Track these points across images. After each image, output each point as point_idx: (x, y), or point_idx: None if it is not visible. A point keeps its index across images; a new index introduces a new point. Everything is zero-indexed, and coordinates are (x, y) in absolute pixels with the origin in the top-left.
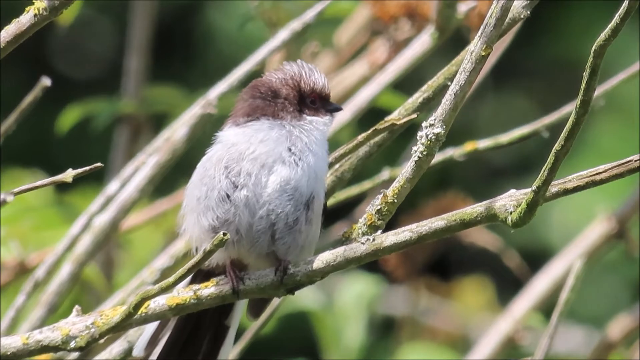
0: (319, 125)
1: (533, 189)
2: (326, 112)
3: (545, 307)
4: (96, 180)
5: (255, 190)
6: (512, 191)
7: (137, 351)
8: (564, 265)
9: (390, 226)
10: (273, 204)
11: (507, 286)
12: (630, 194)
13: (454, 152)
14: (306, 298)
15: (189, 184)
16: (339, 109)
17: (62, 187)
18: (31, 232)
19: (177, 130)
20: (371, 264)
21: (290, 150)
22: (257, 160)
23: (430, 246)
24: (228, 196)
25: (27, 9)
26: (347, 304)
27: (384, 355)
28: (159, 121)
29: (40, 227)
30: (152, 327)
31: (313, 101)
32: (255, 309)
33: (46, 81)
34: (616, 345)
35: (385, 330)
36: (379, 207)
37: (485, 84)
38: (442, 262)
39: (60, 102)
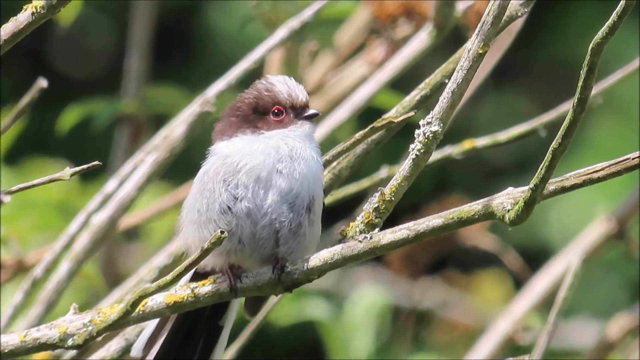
0: (287, 136)
1: (530, 186)
2: (299, 119)
3: (545, 307)
4: (98, 180)
5: (255, 201)
6: (510, 189)
7: (135, 352)
8: (564, 265)
9: (390, 226)
10: (275, 213)
11: (515, 285)
12: (630, 194)
13: (452, 150)
14: (315, 308)
15: (188, 197)
16: (313, 115)
17: (68, 190)
18: (30, 231)
19: (176, 129)
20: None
21: (281, 161)
22: (252, 173)
23: (433, 248)
24: (229, 208)
25: (24, 7)
26: (357, 315)
27: (386, 351)
28: (159, 121)
29: (39, 226)
30: (150, 328)
31: (277, 112)
32: (252, 307)
33: (42, 82)
34: (616, 344)
35: (392, 334)
36: (376, 205)
37: (484, 83)
38: (447, 263)
39: (61, 102)
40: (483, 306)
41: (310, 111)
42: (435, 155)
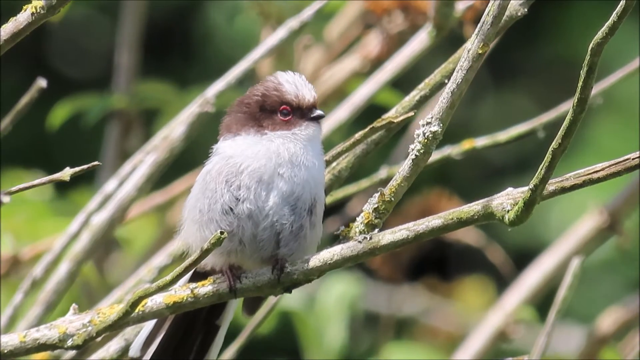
0: (289, 140)
1: (530, 187)
2: (305, 120)
3: (536, 301)
4: (88, 175)
5: (257, 203)
6: (510, 189)
7: (133, 352)
8: (555, 259)
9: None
10: (277, 215)
11: (505, 284)
12: (623, 187)
13: (452, 151)
14: (288, 298)
15: (190, 196)
16: (319, 117)
17: (59, 185)
18: (24, 225)
19: (175, 129)
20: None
21: (281, 165)
22: (255, 174)
23: (415, 246)
24: (231, 209)
25: (24, 7)
26: (329, 305)
27: (367, 355)
28: (149, 117)
29: (33, 221)
30: (148, 328)
31: (285, 112)
32: (250, 306)
33: (42, 82)
34: (608, 339)
35: (369, 328)
36: (376, 205)
37: (484, 83)
38: (438, 262)
39: (57, 100)
40: (465, 313)
41: (317, 112)
42: (435, 155)
